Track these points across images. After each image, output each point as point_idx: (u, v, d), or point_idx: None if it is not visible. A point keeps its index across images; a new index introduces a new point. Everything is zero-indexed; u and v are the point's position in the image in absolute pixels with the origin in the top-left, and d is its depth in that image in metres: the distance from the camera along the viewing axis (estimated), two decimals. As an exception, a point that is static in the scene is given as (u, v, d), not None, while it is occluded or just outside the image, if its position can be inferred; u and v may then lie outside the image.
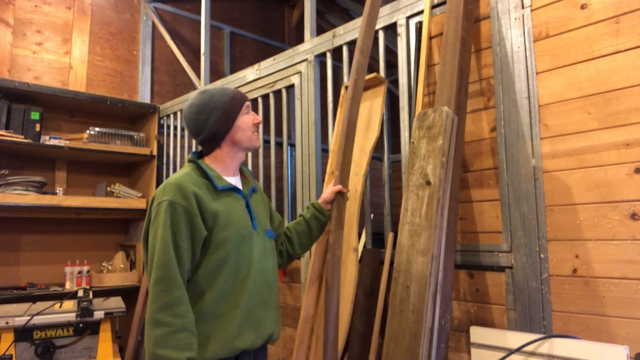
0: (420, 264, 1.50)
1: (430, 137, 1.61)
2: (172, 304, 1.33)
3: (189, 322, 1.35)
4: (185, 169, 1.54)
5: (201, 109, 1.55)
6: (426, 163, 1.59)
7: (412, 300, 1.49)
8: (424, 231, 1.52)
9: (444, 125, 1.59)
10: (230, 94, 1.58)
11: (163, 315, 1.31)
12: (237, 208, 1.53)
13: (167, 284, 1.34)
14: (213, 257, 1.44)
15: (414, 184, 1.60)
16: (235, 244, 1.47)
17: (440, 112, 1.61)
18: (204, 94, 1.58)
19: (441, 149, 1.57)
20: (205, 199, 1.45)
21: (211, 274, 1.43)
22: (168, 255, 1.36)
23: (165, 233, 1.38)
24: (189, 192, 1.42)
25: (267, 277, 1.56)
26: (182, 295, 1.35)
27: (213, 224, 1.45)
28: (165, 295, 1.33)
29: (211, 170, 1.54)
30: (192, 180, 1.47)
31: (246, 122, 1.58)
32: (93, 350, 2.65)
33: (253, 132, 1.60)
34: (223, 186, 1.52)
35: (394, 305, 1.53)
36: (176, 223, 1.39)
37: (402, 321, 1.49)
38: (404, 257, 1.55)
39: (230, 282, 1.45)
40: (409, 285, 1.51)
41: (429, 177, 1.56)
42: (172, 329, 1.30)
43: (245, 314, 1.45)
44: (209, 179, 1.51)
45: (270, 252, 1.61)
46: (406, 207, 1.60)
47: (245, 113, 1.59)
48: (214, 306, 1.42)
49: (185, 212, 1.40)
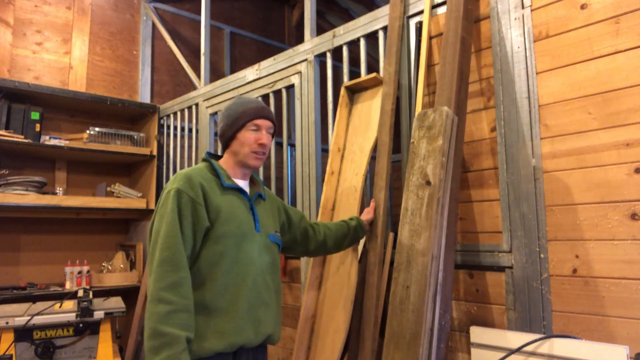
0: (420, 264, 1.50)
1: (430, 137, 1.60)
2: (177, 284, 1.35)
3: (191, 304, 1.38)
4: (199, 165, 1.62)
5: (224, 110, 1.64)
6: (426, 163, 1.59)
7: (412, 300, 1.48)
8: (424, 231, 1.52)
9: (444, 125, 1.58)
10: (245, 106, 1.61)
11: (168, 293, 1.33)
12: (241, 207, 1.57)
13: (173, 264, 1.37)
14: (213, 249, 1.47)
15: (414, 184, 1.60)
16: (236, 239, 1.50)
17: (440, 112, 1.60)
18: (236, 99, 1.66)
19: (441, 149, 1.56)
20: (211, 193, 1.50)
21: (211, 265, 1.46)
22: (175, 238, 1.40)
23: (173, 217, 1.42)
24: (196, 183, 1.48)
25: (268, 279, 1.57)
26: (187, 276, 1.39)
27: (216, 217, 1.48)
28: (171, 275, 1.36)
29: (221, 169, 1.60)
30: (201, 174, 1.54)
31: (247, 139, 1.58)
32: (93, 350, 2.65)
33: (252, 151, 1.59)
34: (229, 184, 1.57)
35: (394, 305, 1.53)
36: (182, 210, 1.43)
37: (402, 321, 1.49)
38: (404, 257, 1.55)
39: (230, 276, 1.47)
40: (409, 285, 1.51)
41: (429, 177, 1.56)
42: (175, 307, 1.33)
43: (245, 310, 1.47)
44: (218, 177, 1.57)
45: (272, 256, 1.62)
46: (406, 207, 1.59)
47: (252, 130, 1.59)
48: (214, 298, 1.44)
49: (191, 202, 1.45)
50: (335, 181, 2.25)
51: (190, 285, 1.39)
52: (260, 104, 1.65)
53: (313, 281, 2.14)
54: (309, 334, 2.11)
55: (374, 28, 2.27)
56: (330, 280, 2.10)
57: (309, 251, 1.89)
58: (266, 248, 1.59)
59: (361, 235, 1.95)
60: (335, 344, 1.96)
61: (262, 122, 1.60)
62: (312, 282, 2.14)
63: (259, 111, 1.61)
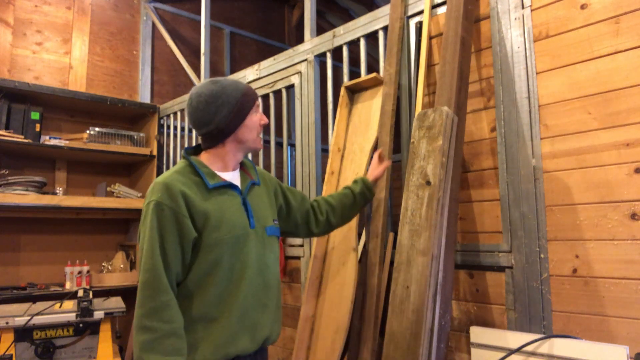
0: (420, 264, 1.50)
1: (430, 137, 1.60)
2: (158, 309, 1.29)
3: (177, 327, 1.30)
4: (178, 166, 1.47)
5: (212, 100, 1.45)
6: (426, 163, 1.58)
7: (413, 300, 1.48)
8: (424, 231, 1.52)
9: (444, 125, 1.58)
10: (243, 90, 1.50)
11: (149, 320, 1.28)
12: (232, 206, 1.46)
13: (152, 288, 1.30)
14: (205, 259, 1.38)
15: (414, 184, 1.60)
16: (229, 245, 1.40)
17: (440, 112, 1.60)
18: (215, 85, 1.48)
19: (441, 149, 1.56)
20: (195, 199, 1.38)
21: (203, 276, 1.38)
22: (154, 258, 1.32)
23: (151, 235, 1.33)
24: (176, 192, 1.36)
25: (266, 278, 1.49)
26: (168, 299, 1.31)
27: (204, 225, 1.38)
28: (151, 301, 1.29)
29: (203, 167, 1.47)
30: (181, 179, 1.40)
31: (254, 122, 1.52)
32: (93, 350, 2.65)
33: (258, 134, 1.54)
34: (216, 184, 1.45)
35: (394, 305, 1.53)
36: (163, 225, 1.34)
37: (402, 321, 1.49)
38: (404, 257, 1.54)
39: (223, 285, 1.39)
40: (409, 285, 1.51)
41: (429, 177, 1.56)
42: (159, 334, 1.27)
43: (238, 318, 1.40)
44: (201, 177, 1.44)
45: (270, 251, 1.53)
46: (406, 207, 1.59)
47: (255, 112, 1.53)
48: (206, 310, 1.37)
49: (173, 214, 1.34)
50: (335, 181, 2.25)
51: (174, 306, 1.32)
52: (244, 83, 1.56)
53: (313, 281, 2.14)
54: (309, 334, 2.11)
55: (374, 28, 2.27)
56: (330, 280, 2.10)
57: (314, 234, 1.82)
58: (263, 244, 1.50)
59: (370, 197, 1.87)
60: (335, 344, 1.96)
61: (258, 101, 1.53)
62: (312, 282, 2.14)
63: (251, 90, 1.52)
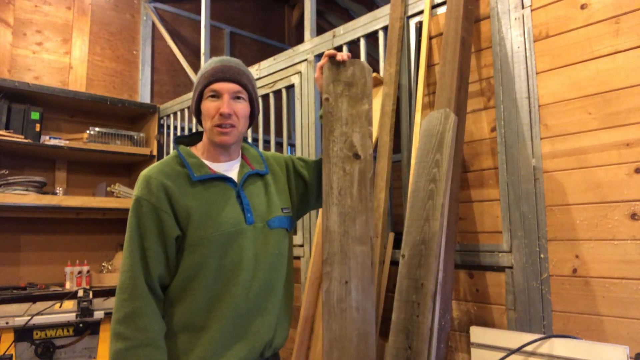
0: (360, 254, 1.28)
1: (352, 98, 1.35)
2: (133, 316, 1.17)
3: (153, 336, 1.18)
4: (168, 156, 1.34)
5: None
6: (350, 130, 1.33)
7: (355, 297, 1.27)
8: (360, 215, 1.30)
9: (368, 85, 1.30)
10: (206, 68, 1.31)
11: (123, 327, 1.17)
12: (222, 201, 1.28)
13: (128, 292, 1.19)
14: (189, 260, 1.23)
15: (338, 155, 1.33)
16: (216, 244, 1.23)
17: (361, 67, 1.33)
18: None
19: (367, 116, 1.31)
20: (178, 193, 1.23)
21: (188, 280, 1.23)
22: (132, 259, 1.21)
23: (130, 234, 1.22)
24: (156, 186, 1.22)
25: (267, 279, 1.30)
26: (144, 305, 1.18)
27: (187, 222, 1.23)
28: (126, 306, 1.18)
29: (192, 157, 1.30)
30: (166, 170, 1.26)
31: (207, 109, 1.28)
32: (93, 350, 2.65)
33: (214, 125, 1.27)
34: (202, 176, 1.27)
35: (330, 306, 1.27)
36: (143, 222, 1.21)
37: (344, 322, 1.27)
38: (336, 246, 1.29)
39: (211, 290, 1.23)
40: (348, 280, 1.28)
41: (357, 148, 1.32)
42: (133, 343, 1.15)
43: (231, 326, 1.23)
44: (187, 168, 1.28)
45: (274, 247, 1.33)
46: (330, 184, 1.32)
47: (209, 97, 1.28)
48: (190, 318, 1.23)
49: (153, 210, 1.21)
50: (335, 181, 2.24)
51: (152, 313, 1.19)
52: (222, 62, 1.31)
53: (313, 281, 2.14)
54: (309, 334, 2.11)
55: (374, 28, 2.27)
56: (330, 280, 2.10)
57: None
58: (265, 240, 1.31)
59: None
60: (335, 344, 1.96)
61: (221, 86, 1.26)
62: (312, 282, 2.14)
63: (216, 72, 1.28)
